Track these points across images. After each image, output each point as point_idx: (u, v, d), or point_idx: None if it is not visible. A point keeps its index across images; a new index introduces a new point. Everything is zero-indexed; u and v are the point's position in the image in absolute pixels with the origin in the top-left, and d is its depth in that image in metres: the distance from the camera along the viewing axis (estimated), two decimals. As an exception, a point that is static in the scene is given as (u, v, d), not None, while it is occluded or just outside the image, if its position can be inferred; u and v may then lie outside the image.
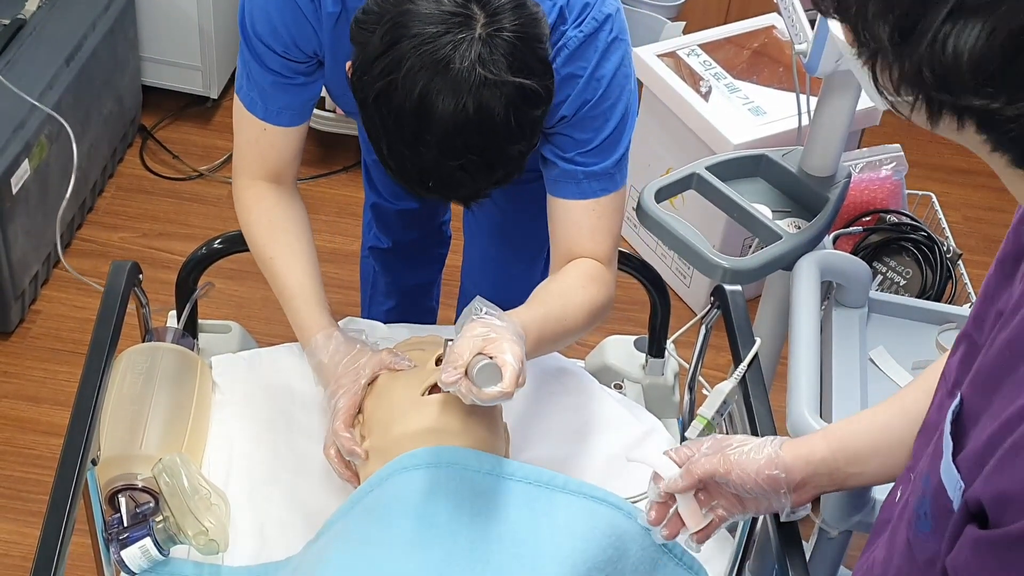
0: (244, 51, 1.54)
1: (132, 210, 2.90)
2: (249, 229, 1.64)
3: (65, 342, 2.57)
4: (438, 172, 1.31)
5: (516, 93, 1.28)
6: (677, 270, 2.84)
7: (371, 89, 1.29)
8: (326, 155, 3.11)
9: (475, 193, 1.37)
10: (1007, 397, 0.86)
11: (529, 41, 1.30)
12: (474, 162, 1.30)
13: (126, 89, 2.93)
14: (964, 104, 0.84)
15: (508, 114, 1.28)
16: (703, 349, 1.73)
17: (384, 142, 1.32)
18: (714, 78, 2.71)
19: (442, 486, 1.35)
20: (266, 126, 1.57)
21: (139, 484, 1.47)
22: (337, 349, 1.54)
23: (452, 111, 1.25)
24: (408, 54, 1.26)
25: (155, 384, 1.56)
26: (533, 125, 1.33)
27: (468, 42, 1.26)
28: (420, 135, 1.28)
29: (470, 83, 1.25)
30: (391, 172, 1.36)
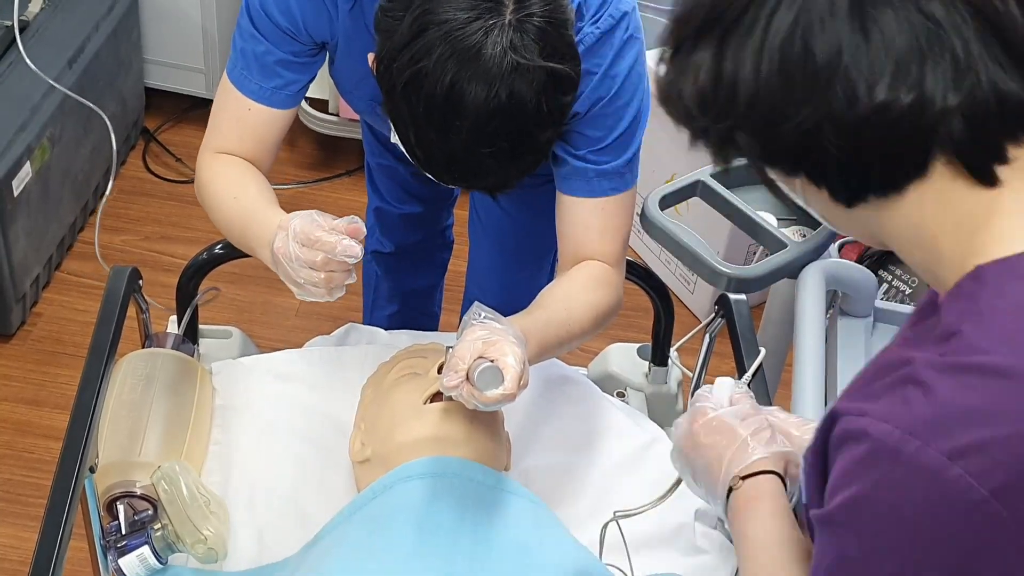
0: (246, 27, 1.51)
1: (134, 213, 2.89)
2: (214, 178, 1.54)
3: (66, 345, 2.56)
4: (467, 160, 1.31)
5: (547, 78, 1.27)
6: (681, 276, 2.83)
7: (399, 77, 1.27)
8: (328, 159, 3.10)
9: (502, 182, 1.37)
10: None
11: (558, 26, 1.30)
12: (504, 149, 1.29)
13: (129, 91, 2.93)
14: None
15: (539, 100, 1.27)
16: (707, 358, 1.72)
17: (412, 130, 1.31)
18: (719, 84, 2.70)
19: (444, 496, 1.34)
20: (251, 105, 1.54)
21: (138, 491, 1.46)
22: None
23: (484, 98, 1.25)
24: (438, 41, 1.25)
25: (154, 390, 1.55)
26: (562, 111, 1.33)
27: (499, 28, 1.25)
28: (451, 122, 1.27)
29: (502, 69, 1.25)
30: (417, 161, 1.35)
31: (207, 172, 1.56)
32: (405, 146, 1.35)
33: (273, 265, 1.41)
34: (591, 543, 1.44)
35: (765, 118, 0.88)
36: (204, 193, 1.56)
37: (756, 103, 0.87)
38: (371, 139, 2.01)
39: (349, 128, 2.96)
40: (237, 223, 1.50)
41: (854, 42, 0.84)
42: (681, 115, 0.93)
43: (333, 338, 1.81)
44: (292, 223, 1.34)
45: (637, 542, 1.45)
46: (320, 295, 1.36)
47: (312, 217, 1.34)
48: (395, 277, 2.21)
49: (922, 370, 0.85)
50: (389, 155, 2.00)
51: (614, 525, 1.39)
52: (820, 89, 0.84)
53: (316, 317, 2.68)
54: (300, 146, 3.13)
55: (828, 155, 0.86)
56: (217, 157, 1.56)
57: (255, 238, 1.45)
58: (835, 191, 0.90)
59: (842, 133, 0.85)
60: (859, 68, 0.83)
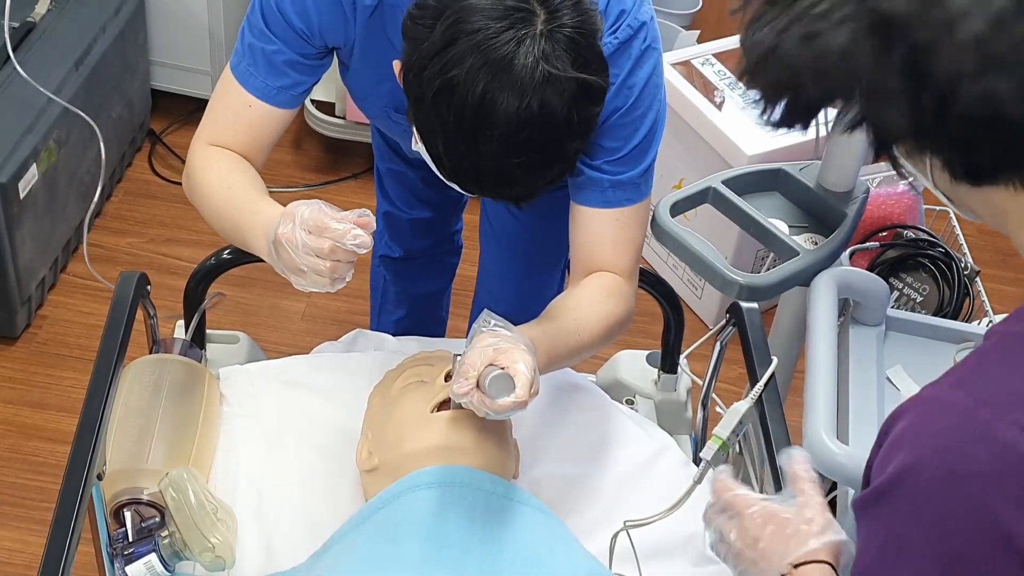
0: (257, 24, 1.49)
1: (140, 215, 2.88)
2: (206, 168, 1.51)
3: (71, 348, 2.55)
4: (496, 170, 1.29)
5: (578, 89, 1.27)
6: (689, 281, 2.82)
7: (429, 86, 1.26)
8: (335, 162, 3.09)
9: (528, 192, 1.35)
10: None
11: (588, 36, 1.29)
12: (533, 160, 1.28)
13: (135, 93, 2.92)
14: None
15: (571, 111, 1.26)
16: (717, 367, 1.71)
17: (441, 139, 1.29)
18: (728, 88, 2.69)
19: (453, 506, 1.33)
20: (253, 102, 1.52)
21: (145, 498, 1.45)
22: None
23: (516, 109, 1.24)
24: (470, 50, 1.24)
25: (162, 397, 1.54)
26: (591, 121, 1.32)
27: (531, 38, 1.24)
28: (481, 132, 1.26)
29: (534, 80, 1.24)
30: (443, 170, 1.33)
31: (199, 162, 1.53)
32: (432, 155, 1.33)
33: (269, 255, 1.37)
34: (601, 552, 1.43)
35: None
36: (194, 182, 1.53)
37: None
38: (381, 143, 2.00)
39: (356, 131, 2.95)
40: (230, 213, 1.47)
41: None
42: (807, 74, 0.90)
43: (341, 344, 1.80)
44: (299, 210, 1.31)
45: (647, 551, 1.44)
46: (322, 284, 1.32)
47: (320, 206, 1.32)
48: (403, 282, 2.20)
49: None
50: (399, 160, 1.99)
51: (624, 534, 1.38)
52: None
53: (323, 321, 2.67)
54: (306, 149, 3.12)
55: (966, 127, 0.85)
56: (209, 148, 1.54)
57: (249, 227, 1.42)
58: (965, 167, 0.89)
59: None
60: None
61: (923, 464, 0.87)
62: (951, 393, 0.88)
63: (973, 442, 0.85)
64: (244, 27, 1.51)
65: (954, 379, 0.90)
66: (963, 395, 0.87)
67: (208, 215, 1.52)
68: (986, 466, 0.84)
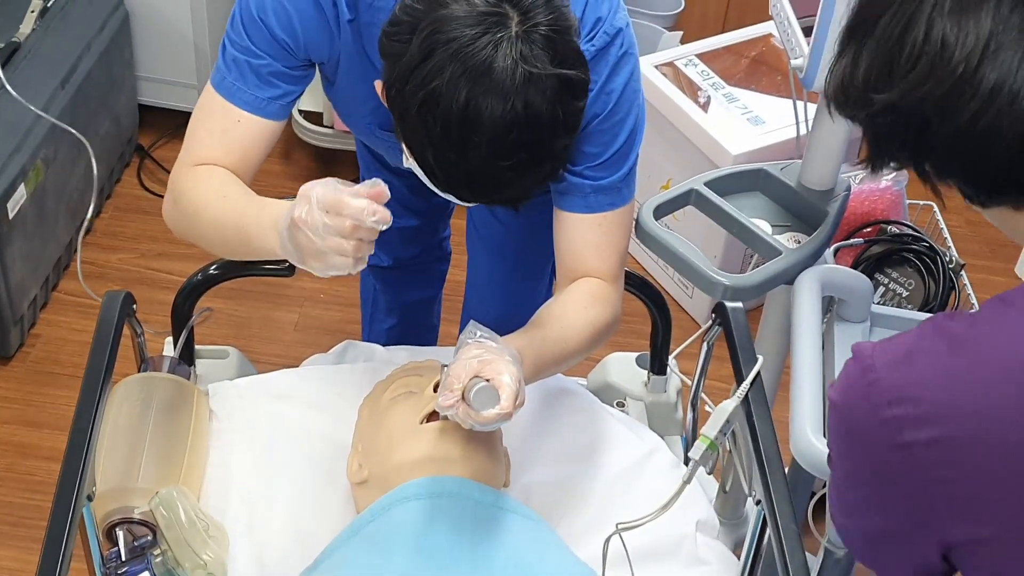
0: (238, 39, 1.48)
1: (130, 231, 2.89)
2: (196, 185, 1.49)
3: (65, 366, 2.56)
4: (487, 175, 1.30)
5: (560, 86, 1.27)
6: (679, 281, 2.83)
7: (412, 100, 1.26)
8: (324, 171, 3.08)
9: (523, 193, 1.36)
10: None
11: (563, 33, 1.30)
12: (523, 160, 1.29)
13: (122, 109, 2.92)
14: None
15: (555, 107, 1.27)
16: (705, 367, 1.72)
17: (430, 151, 1.29)
18: (712, 88, 2.70)
19: (442, 516, 1.34)
20: (241, 117, 1.50)
21: (136, 517, 1.46)
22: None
23: (500, 112, 1.24)
24: (448, 60, 1.24)
25: (151, 415, 1.55)
26: (576, 116, 1.32)
27: (507, 40, 1.25)
28: (469, 139, 1.26)
29: (515, 82, 1.24)
30: (436, 181, 1.33)
31: (187, 182, 1.50)
32: (423, 168, 1.33)
33: (283, 246, 1.33)
34: (592, 557, 1.43)
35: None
36: (185, 202, 1.49)
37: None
38: (366, 154, 2.01)
39: (344, 140, 2.96)
40: (229, 220, 1.44)
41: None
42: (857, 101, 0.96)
43: (330, 356, 1.81)
44: (315, 191, 1.28)
45: (639, 555, 1.45)
46: (346, 266, 1.29)
47: (335, 184, 1.29)
48: (393, 291, 2.21)
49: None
50: (384, 170, 1.99)
51: (616, 538, 1.39)
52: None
53: (315, 331, 2.68)
54: (295, 159, 3.12)
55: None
56: (195, 168, 1.51)
57: (255, 226, 1.39)
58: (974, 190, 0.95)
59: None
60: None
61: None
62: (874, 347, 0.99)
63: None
64: (224, 44, 1.51)
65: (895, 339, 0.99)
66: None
67: (204, 229, 1.49)
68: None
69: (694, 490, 1.55)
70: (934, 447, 0.93)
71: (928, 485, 0.94)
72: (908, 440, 0.93)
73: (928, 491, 0.95)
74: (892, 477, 0.96)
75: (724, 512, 1.80)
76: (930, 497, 0.95)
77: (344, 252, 1.28)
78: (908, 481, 0.95)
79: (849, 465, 1.02)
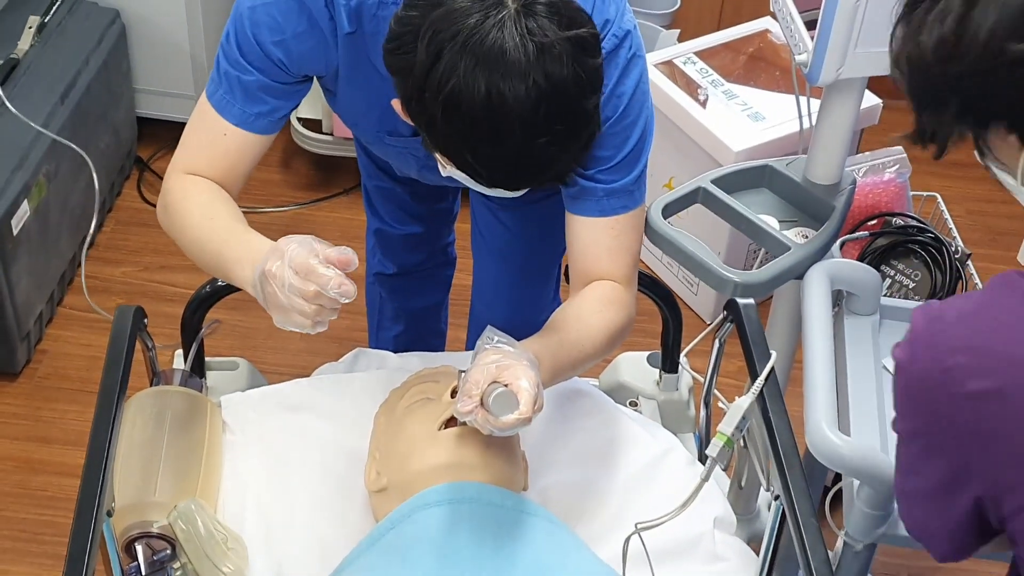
0: (231, 54, 1.48)
1: (132, 244, 2.89)
2: (184, 199, 1.51)
3: (72, 381, 2.56)
4: (529, 156, 1.28)
5: (573, 48, 1.26)
6: (684, 278, 2.83)
7: (435, 105, 1.25)
8: (324, 179, 3.09)
9: (567, 165, 1.34)
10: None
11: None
12: (559, 132, 1.27)
13: (121, 122, 2.92)
14: None
15: (575, 71, 1.25)
16: (717, 364, 1.72)
17: (468, 150, 1.28)
18: (711, 85, 2.70)
19: (464, 522, 1.34)
20: (228, 130, 1.50)
21: (155, 531, 1.46)
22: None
23: (524, 91, 1.23)
24: (459, 56, 1.23)
25: (165, 429, 1.55)
26: (596, 73, 1.30)
27: (510, 19, 1.24)
28: (501, 127, 1.24)
29: (529, 57, 1.23)
30: (479, 178, 1.32)
31: (177, 193, 1.52)
32: (464, 170, 1.32)
33: (253, 287, 1.36)
34: (612, 557, 1.43)
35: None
36: (172, 212, 1.52)
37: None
38: (367, 162, 2.00)
39: (344, 147, 2.95)
40: (211, 243, 1.46)
41: None
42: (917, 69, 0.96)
43: (342, 365, 1.81)
44: (290, 248, 1.31)
45: (658, 554, 1.45)
46: (304, 326, 1.31)
47: (311, 244, 1.31)
48: (399, 298, 2.21)
49: None
50: (386, 177, 2.00)
51: (636, 538, 1.39)
52: None
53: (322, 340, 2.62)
54: (295, 167, 3.12)
55: None
56: (186, 178, 1.52)
57: (234, 259, 1.41)
58: None
59: None
60: None
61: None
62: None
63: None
64: (219, 54, 1.50)
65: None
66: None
67: (187, 244, 1.51)
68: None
69: (711, 487, 1.55)
70: (995, 398, 0.92)
71: (987, 438, 0.93)
72: (971, 390, 0.92)
73: (987, 444, 0.93)
74: (951, 426, 0.95)
75: (737, 507, 1.80)
76: (988, 449, 0.94)
77: (304, 314, 1.29)
78: (967, 432, 0.94)
79: (911, 419, 1.00)
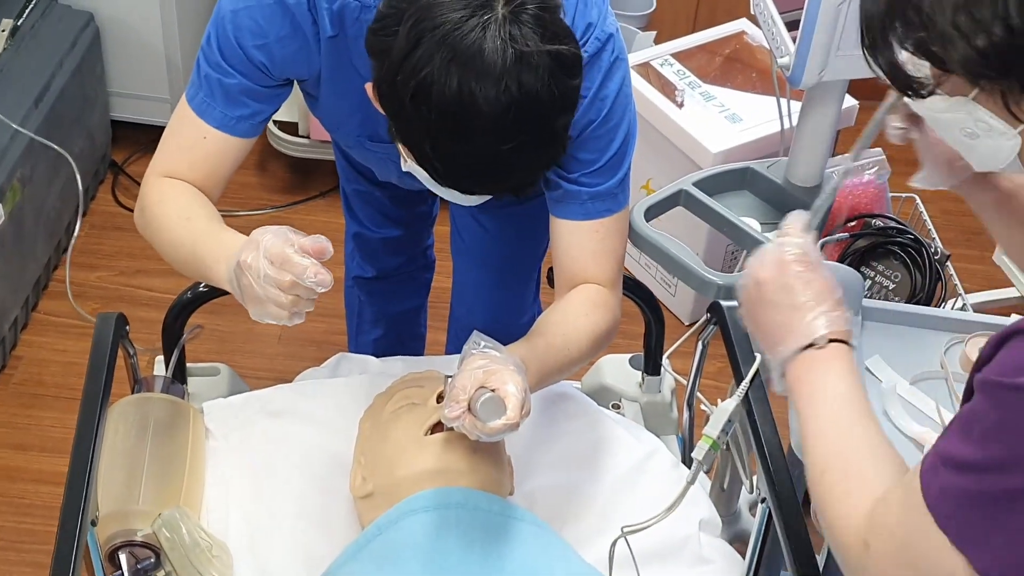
0: (212, 57, 1.47)
1: (107, 248, 2.87)
2: (162, 200, 1.49)
3: (49, 387, 2.53)
4: (491, 161, 1.27)
5: (552, 63, 1.25)
6: (661, 279, 2.83)
7: (405, 91, 1.24)
8: (301, 181, 3.08)
9: (527, 179, 1.33)
10: None
11: (551, 11, 1.28)
12: (525, 143, 1.26)
13: (96, 125, 2.90)
14: None
15: (550, 86, 1.24)
16: (700, 367, 1.72)
17: (428, 143, 1.27)
18: (688, 87, 2.71)
19: (451, 528, 1.33)
20: (208, 133, 1.49)
21: (139, 539, 1.45)
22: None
23: (495, 94, 1.22)
24: (437, 46, 1.22)
25: (148, 436, 1.54)
26: (572, 95, 1.29)
27: (495, 23, 1.23)
28: (467, 124, 1.23)
29: (507, 63, 1.22)
30: (437, 176, 1.31)
31: (154, 195, 1.51)
32: (423, 164, 1.31)
33: (229, 282, 1.34)
34: (598, 560, 1.43)
35: None
36: (149, 215, 1.51)
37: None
38: (345, 165, 2.00)
39: (321, 150, 2.94)
40: (187, 243, 1.45)
41: None
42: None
43: (324, 370, 1.80)
44: (264, 238, 1.28)
45: (644, 556, 1.45)
46: (281, 318, 1.29)
47: (286, 234, 1.29)
48: (379, 301, 2.20)
49: None
50: (365, 180, 1.99)
51: (622, 541, 1.39)
52: None
53: (300, 343, 2.66)
54: (271, 170, 3.11)
55: None
56: (164, 181, 1.51)
57: (210, 256, 1.40)
58: None
59: None
60: None
61: None
62: None
63: None
64: (200, 58, 1.49)
65: None
66: None
67: (164, 245, 1.50)
68: None
69: (695, 490, 1.55)
70: None
71: None
72: None
73: None
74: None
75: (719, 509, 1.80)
76: None
77: (281, 305, 1.28)
78: None
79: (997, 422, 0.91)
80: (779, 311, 1.19)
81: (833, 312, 1.18)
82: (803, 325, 1.17)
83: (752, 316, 1.24)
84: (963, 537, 0.93)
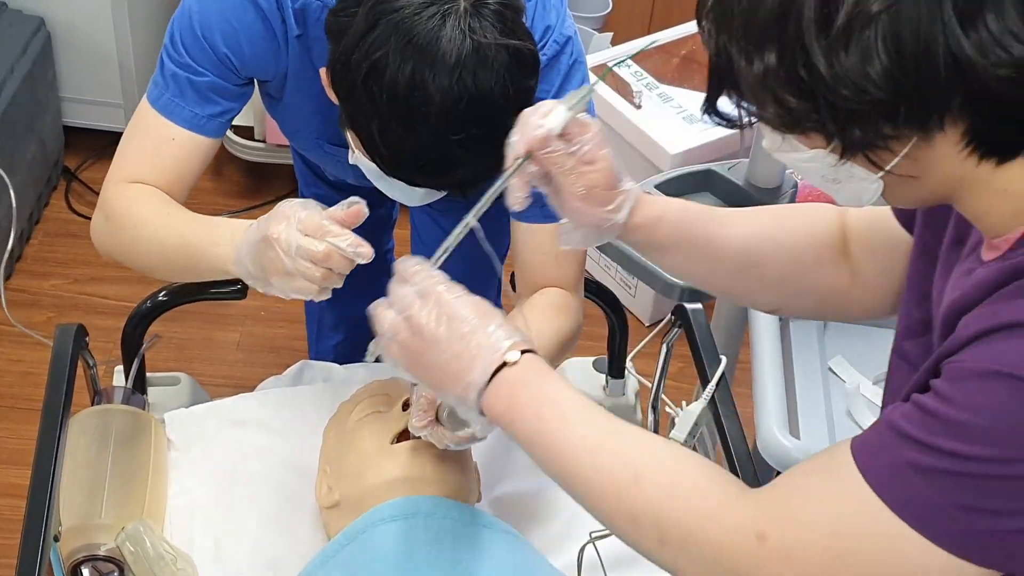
0: (177, 56, 1.45)
1: (61, 255, 2.83)
2: (135, 202, 1.46)
3: (4, 398, 2.50)
4: (437, 151, 1.26)
5: (509, 59, 1.24)
6: (621, 280, 2.84)
7: (358, 71, 1.23)
8: (256, 186, 3.06)
9: (473, 174, 1.31)
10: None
11: (514, 11, 1.27)
12: (474, 136, 1.25)
13: (48, 132, 2.86)
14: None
15: (504, 82, 1.24)
16: (665, 369, 1.72)
17: (376, 124, 1.25)
18: (646, 88, 2.71)
19: (420, 536, 1.32)
20: (176, 134, 1.47)
21: (102, 554, 1.42)
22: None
23: (448, 83, 1.21)
24: (393, 29, 1.21)
25: (109, 449, 1.51)
26: (527, 95, 1.28)
27: (455, 14, 1.22)
28: (416, 110, 1.22)
29: (463, 53, 1.21)
30: (382, 162, 1.29)
31: (120, 201, 1.47)
32: (369, 148, 1.29)
33: (236, 262, 1.32)
34: (566, 566, 1.43)
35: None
36: (119, 221, 1.47)
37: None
38: (304, 169, 1.98)
39: (277, 154, 2.92)
40: (173, 235, 1.42)
41: None
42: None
43: (286, 378, 1.78)
44: (296, 211, 1.26)
45: (612, 562, 1.45)
46: (310, 292, 1.28)
47: (316, 206, 1.27)
48: (339, 306, 2.18)
49: None
50: (324, 184, 1.98)
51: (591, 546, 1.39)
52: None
53: (259, 350, 2.64)
54: (226, 175, 3.08)
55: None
56: (129, 187, 1.48)
57: (205, 239, 1.37)
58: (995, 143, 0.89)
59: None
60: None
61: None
62: None
63: None
64: (163, 59, 1.47)
65: None
66: None
67: (142, 249, 1.47)
68: None
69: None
70: None
71: None
72: None
73: None
74: None
75: (686, 511, 1.81)
76: None
77: (312, 279, 1.27)
78: None
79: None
80: (450, 344, 1.06)
81: (505, 324, 1.07)
82: (485, 345, 1.05)
83: (417, 363, 1.09)
84: (923, 520, 0.88)
